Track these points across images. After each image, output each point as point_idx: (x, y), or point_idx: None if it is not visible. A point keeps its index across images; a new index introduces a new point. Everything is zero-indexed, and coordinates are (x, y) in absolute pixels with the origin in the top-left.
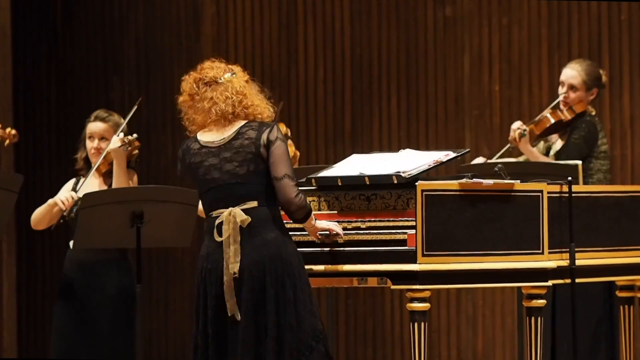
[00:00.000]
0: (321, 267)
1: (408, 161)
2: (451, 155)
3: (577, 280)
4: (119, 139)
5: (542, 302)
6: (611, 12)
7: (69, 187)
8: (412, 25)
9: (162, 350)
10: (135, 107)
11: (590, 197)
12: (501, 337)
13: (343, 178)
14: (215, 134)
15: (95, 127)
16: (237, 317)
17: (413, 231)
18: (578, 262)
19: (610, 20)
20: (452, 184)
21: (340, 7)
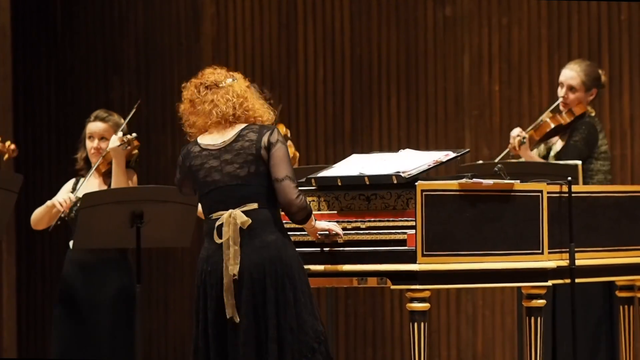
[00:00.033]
0: (321, 267)
1: (408, 161)
2: (451, 155)
3: (577, 280)
4: (117, 138)
5: (541, 302)
6: (611, 12)
7: (69, 187)
8: (412, 25)
9: (161, 350)
10: (134, 110)
11: (590, 197)
12: (501, 337)
13: (343, 178)
14: (215, 136)
15: (95, 127)
16: (235, 320)
17: (413, 231)
18: (578, 262)
19: (610, 20)
20: (452, 184)
21: (340, 7)
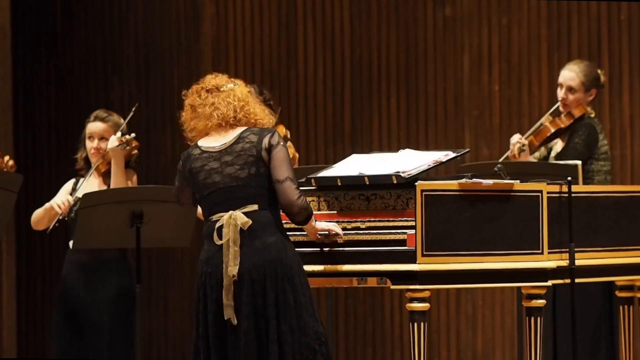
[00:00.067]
0: (321, 267)
1: (408, 161)
2: (451, 155)
3: (576, 280)
4: (116, 138)
5: (541, 302)
6: (611, 12)
7: (69, 188)
8: (412, 25)
9: (161, 350)
10: (131, 113)
11: (590, 197)
12: (501, 337)
13: (343, 178)
14: (216, 139)
15: (94, 127)
16: (233, 322)
17: (413, 231)
18: (578, 262)
19: (610, 20)
20: (452, 184)
21: (340, 7)
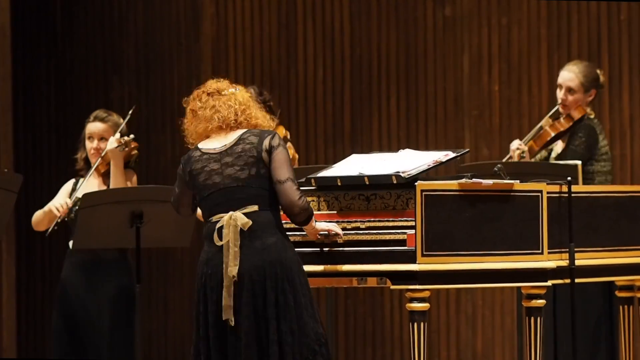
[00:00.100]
0: (321, 267)
1: (407, 161)
2: (451, 155)
3: (576, 280)
4: (115, 139)
5: (541, 302)
6: (611, 12)
7: (69, 188)
8: (412, 25)
9: (161, 350)
10: (128, 116)
11: (590, 197)
12: (500, 337)
13: (342, 178)
14: (216, 141)
15: (94, 127)
16: (230, 322)
17: (412, 231)
18: (577, 262)
19: (609, 20)
20: (452, 184)
21: (340, 7)
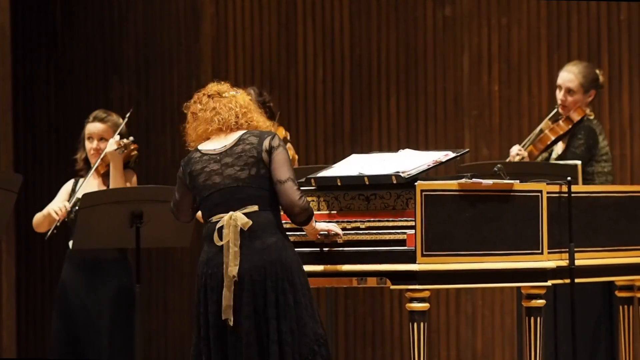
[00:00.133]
0: (320, 267)
1: (407, 161)
2: (450, 155)
3: (576, 280)
4: (115, 142)
5: (541, 302)
6: (611, 12)
7: (68, 188)
8: (412, 25)
9: (161, 350)
10: (126, 119)
11: (590, 197)
12: (500, 337)
13: (342, 178)
14: (216, 142)
15: (93, 127)
16: (229, 322)
17: (412, 231)
18: (577, 262)
19: (609, 20)
20: (452, 184)
21: (340, 7)
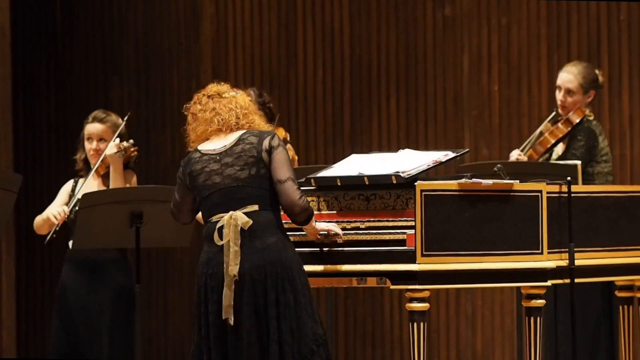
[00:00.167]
0: (320, 267)
1: (407, 161)
2: (450, 155)
3: (576, 280)
4: (114, 144)
5: (541, 302)
6: (610, 12)
7: (68, 189)
8: (412, 25)
9: (161, 350)
10: (124, 122)
11: (590, 197)
12: (500, 337)
13: (342, 178)
14: (216, 142)
15: (93, 128)
16: (230, 322)
17: (412, 231)
18: (577, 262)
19: (609, 20)
20: (452, 184)
21: (340, 7)
